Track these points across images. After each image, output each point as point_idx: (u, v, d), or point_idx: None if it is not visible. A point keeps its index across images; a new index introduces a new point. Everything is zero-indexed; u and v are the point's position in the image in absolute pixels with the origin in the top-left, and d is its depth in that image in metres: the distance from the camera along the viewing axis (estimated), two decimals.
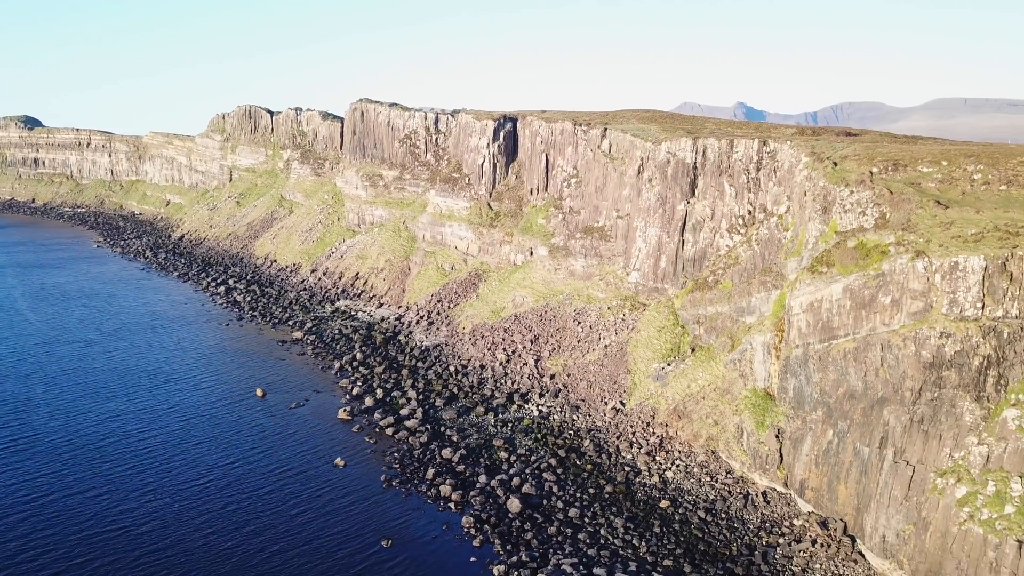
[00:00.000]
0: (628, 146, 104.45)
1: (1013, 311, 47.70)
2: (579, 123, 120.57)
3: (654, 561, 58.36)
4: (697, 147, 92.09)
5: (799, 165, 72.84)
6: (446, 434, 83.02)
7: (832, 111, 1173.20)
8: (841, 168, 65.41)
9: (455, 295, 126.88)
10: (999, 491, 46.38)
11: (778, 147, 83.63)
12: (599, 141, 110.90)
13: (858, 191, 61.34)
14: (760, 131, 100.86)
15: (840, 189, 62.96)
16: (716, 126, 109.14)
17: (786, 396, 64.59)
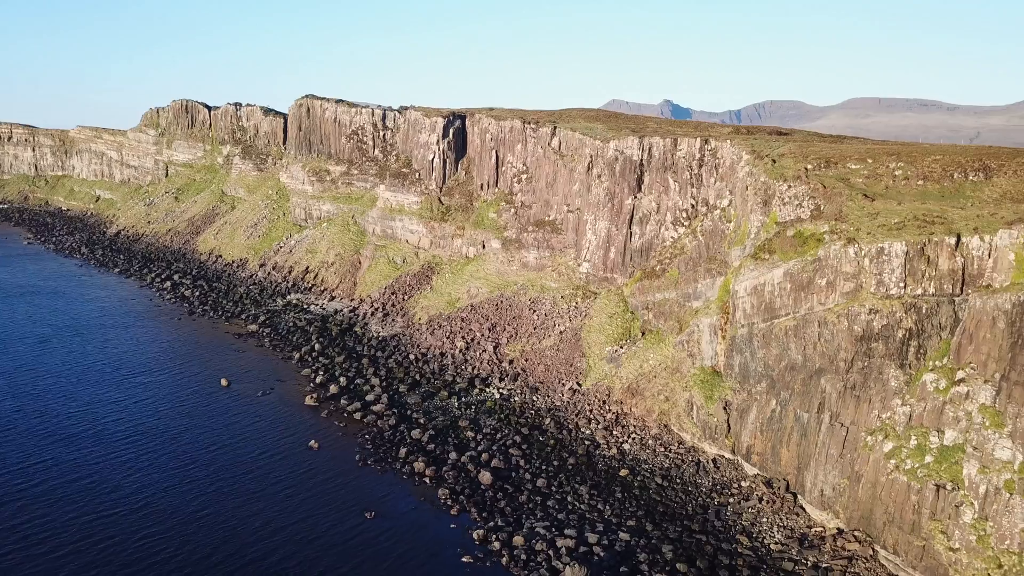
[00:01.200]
0: (577, 144, 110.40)
1: (930, 289, 55.16)
2: (527, 121, 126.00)
3: (618, 522, 64.17)
4: (643, 145, 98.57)
5: (741, 162, 79.84)
6: (413, 417, 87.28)
7: (755, 109, 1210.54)
8: (779, 165, 72.61)
9: (408, 287, 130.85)
10: (920, 444, 53.76)
11: (719, 145, 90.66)
12: (549, 139, 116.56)
13: (795, 186, 68.50)
14: (700, 130, 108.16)
15: (779, 184, 70.06)
16: (658, 125, 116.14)
17: (732, 372, 71.37)
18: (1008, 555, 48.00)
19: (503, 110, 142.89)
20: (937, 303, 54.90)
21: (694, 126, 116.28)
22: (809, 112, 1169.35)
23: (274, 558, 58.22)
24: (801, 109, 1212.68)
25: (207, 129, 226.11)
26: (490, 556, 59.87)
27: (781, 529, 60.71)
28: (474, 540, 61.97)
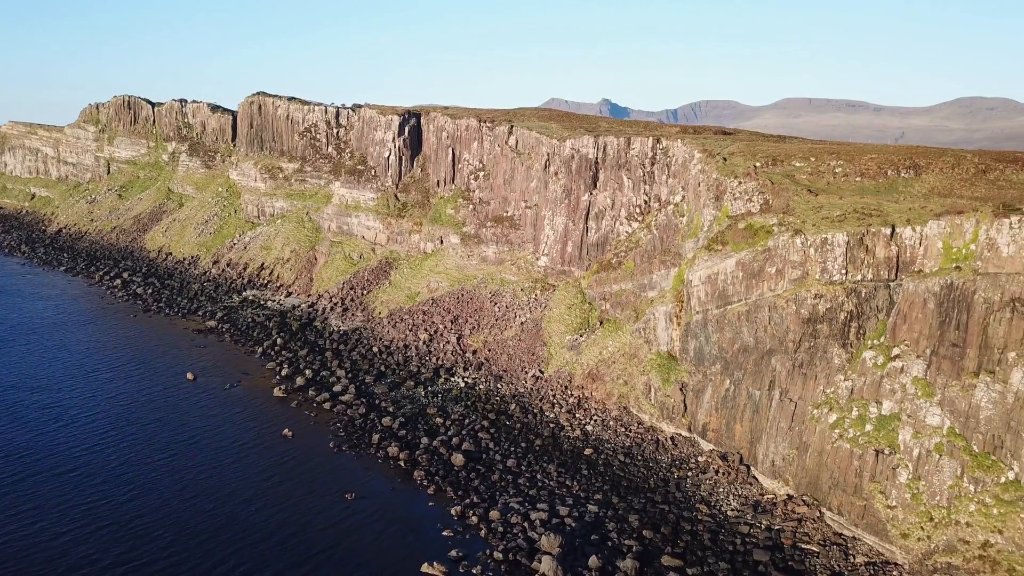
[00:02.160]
0: (534, 142, 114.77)
1: (868, 275, 61.10)
2: (483, 120, 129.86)
3: (586, 496, 68.65)
4: (598, 144, 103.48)
5: (693, 160, 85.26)
6: (381, 406, 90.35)
7: (691, 108, 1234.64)
8: (730, 163, 78.14)
9: (367, 282, 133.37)
10: (861, 415, 59.63)
11: (670, 144, 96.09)
12: (506, 137, 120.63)
13: (745, 182, 74.06)
14: (650, 129, 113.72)
15: (730, 180, 75.56)
16: (610, 125, 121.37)
17: (687, 355, 76.62)
18: (938, 509, 54.06)
19: (458, 108, 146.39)
20: (875, 287, 60.85)
21: (644, 126, 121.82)
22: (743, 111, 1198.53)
23: (274, 540, 60.75)
24: (736, 108, 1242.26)
25: (151, 126, 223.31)
26: (469, 529, 63.65)
27: (736, 497, 66.08)
28: (452, 516, 65.64)
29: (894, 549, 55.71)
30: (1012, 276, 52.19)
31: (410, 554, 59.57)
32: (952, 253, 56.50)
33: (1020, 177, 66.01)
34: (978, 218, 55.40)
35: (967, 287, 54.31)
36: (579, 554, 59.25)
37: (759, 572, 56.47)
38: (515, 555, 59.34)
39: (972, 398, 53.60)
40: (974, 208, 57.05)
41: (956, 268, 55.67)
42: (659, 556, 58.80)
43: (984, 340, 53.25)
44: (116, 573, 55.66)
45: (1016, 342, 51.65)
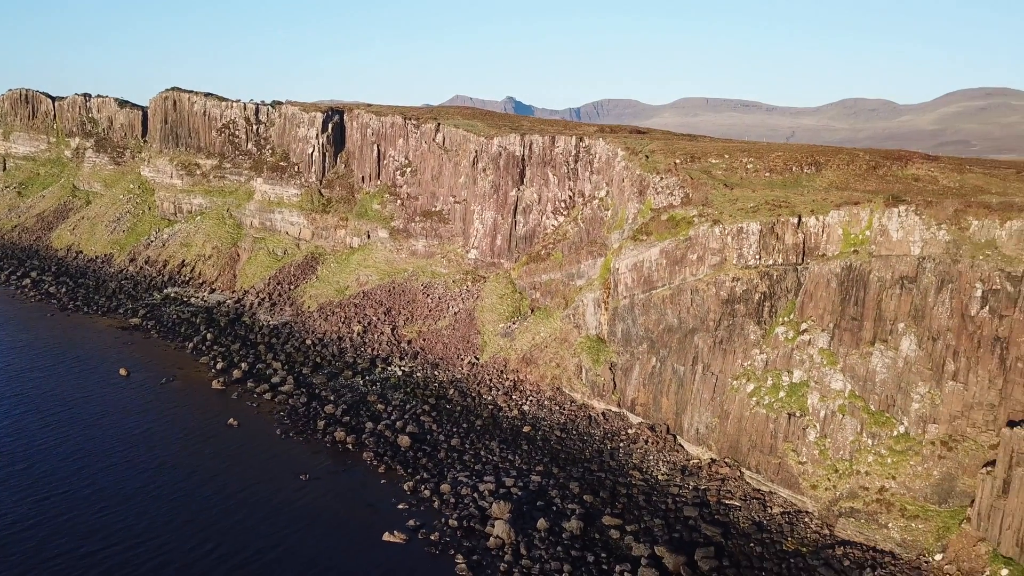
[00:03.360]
0: (461, 140, 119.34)
1: (779, 260, 68.70)
2: (408, 117, 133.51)
3: (528, 469, 73.97)
4: (524, 142, 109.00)
5: (617, 158, 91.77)
6: (322, 395, 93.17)
7: (594, 107, 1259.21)
8: (652, 160, 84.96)
9: (294, 277, 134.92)
10: (775, 383, 67.19)
11: (592, 143, 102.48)
12: (433, 135, 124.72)
13: (667, 177, 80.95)
14: (570, 128, 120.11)
15: (653, 176, 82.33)
16: (532, 124, 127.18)
17: (615, 337, 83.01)
18: (842, 462, 61.95)
19: (382, 106, 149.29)
20: (785, 270, 68.50)
21: (564, 125, 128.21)
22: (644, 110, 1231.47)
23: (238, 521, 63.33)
24: (636, 107, 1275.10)
25: (51, 120, 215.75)
26: (423, 502, 67.96)
27: (665, 463, 72.78)
28: (405, 491, 69.79)
29: (805, 499, 63.38)
30: (900, 257, 60.45)
31: (370, 526, 63.43)
32: (850, 239, 64.53)
33: (904, 172, 75.15)
34: (872, 208, 63.56)
35: (864, 268, 62.38)
36: (528, 518, 64.46)
37: (689, 526, 63.08)
38: (469, 522, 64.08)
39: (869, 364, 61.72)
40: (868, 199, 65.27)
41: (854, 252, 63.71)
42: (600, 517, 64.69)
43: (878, 313, 61.41)
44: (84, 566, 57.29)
45: (904, 314, 59.93)
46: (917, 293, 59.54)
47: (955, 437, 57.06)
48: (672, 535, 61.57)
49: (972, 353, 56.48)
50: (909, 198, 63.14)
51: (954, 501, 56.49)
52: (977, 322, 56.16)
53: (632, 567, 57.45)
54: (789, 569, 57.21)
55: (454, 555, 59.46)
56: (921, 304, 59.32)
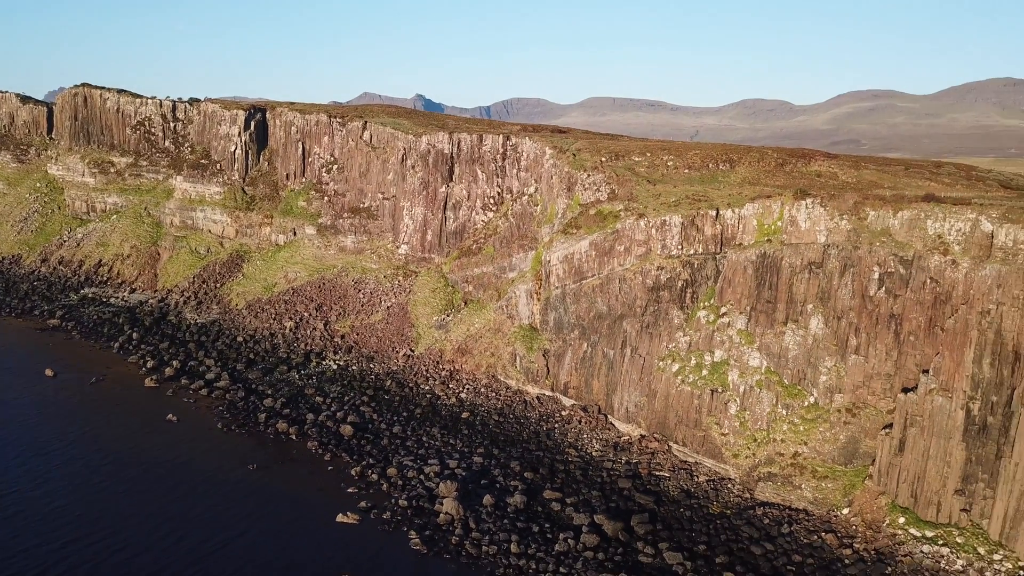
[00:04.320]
0: (389, 137, 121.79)
1: (700, 249, 74.56)
2: (333, 115, 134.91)
3: (470, 451, 77.69)
4: (453, 140, 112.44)
5: (545, 156, 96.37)
6: (259, 390, 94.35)
7: (503, 106, 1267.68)
8: (579, 158, 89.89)
9: (219, 276, 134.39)
10: (698, 363, 73.01)
11: (519, 141, 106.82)
12: (361, 133, 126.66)
13: (593, 174, 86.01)
14: (493, 127, 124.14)
15: (580, 173, 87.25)
16: (457, 123, 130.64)
17: (548, 326, 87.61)
18: (760, 432, 68.19)
19: (306, 104, 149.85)
20: (705, 259, 74.42)
21: (489, 124, 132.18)
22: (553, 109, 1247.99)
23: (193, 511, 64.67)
24: (545, 106, 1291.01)
25: None
26: (371, 485, 70.79)
27: (599, 441, 77.78)
28: (353, 475, 72.42)
29: (728, 467, 69.41)
30: (808, 245, 67.04)
31: (323, 509, 65.88)
32: (764, 229, 70.85)
33: (808, 169, 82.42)
34: (782, 201, 70.02)
35: (776, 255, 68.77)
36: (474, 496, 68.20)
37: (624, 496, 68.15)
38: (418, 501, 67.38)
39: (782, 342, 68.16)
40: (778, 193, 71.76)
41: (767, 241, 70.06)
42: (541, 491, 69.03)
43: (790, 296, 67.89)
44: (55, 560, 57.91)
45: (813, 296, 66.54)
46: (823, 277, 66.22)
47: (858, 404, 63.92)
48: (609, 505, 66.45)
49: (871, 329, 63.41)
50: (814, 192, 69.88)
51: (858, 461, 63.31)
52: (875, 301, 63.11)
53: (575, 534, 61.96)
54: (716, 530, 62.90)
55: (407, 531, 62.64)
56: (827, 287, 66.01)
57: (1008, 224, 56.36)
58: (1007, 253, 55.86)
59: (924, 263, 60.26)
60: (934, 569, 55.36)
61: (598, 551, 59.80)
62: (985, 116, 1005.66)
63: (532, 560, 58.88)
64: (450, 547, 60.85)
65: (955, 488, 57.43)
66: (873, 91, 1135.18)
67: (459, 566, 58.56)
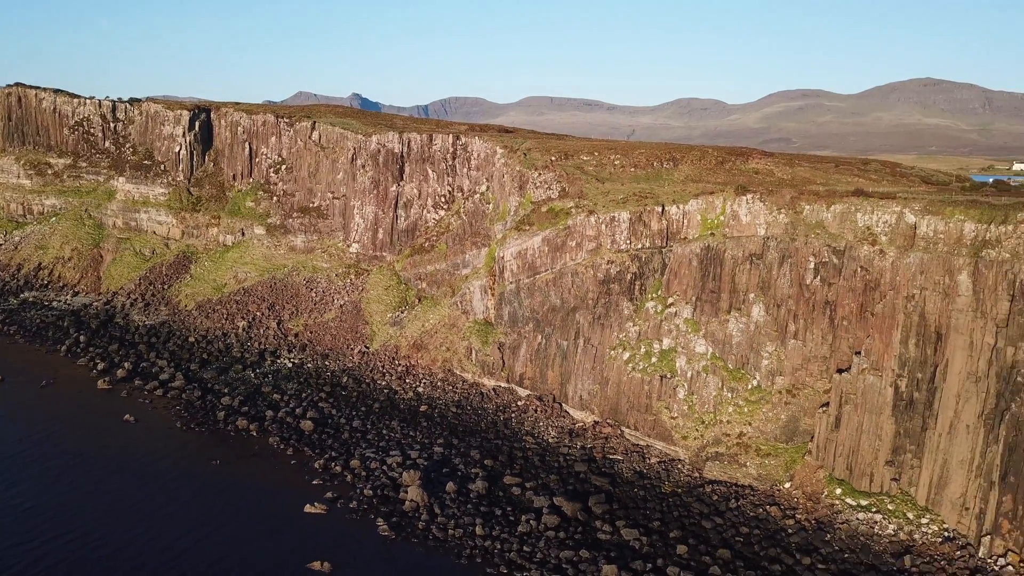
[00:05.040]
0: (338, 137, 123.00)
1: (647, 243, 78.39)
2: (280, 115, 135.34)
3: (430, 442, 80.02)
4: (403, 139, 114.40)
5: (496, 155, 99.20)
6: (215, 389, 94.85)
7: (441, 105, 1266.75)
8: (530, 157, 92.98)
9: (166, 277, 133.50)
10: (647, 351, 76.83)
11: (469, 141, 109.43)
12: (309, 133, 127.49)
13: (544, 173, 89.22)
14: (441, 127, 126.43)
15: (532, 172, 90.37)
16: (405, 123, 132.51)
17: (503, 320, 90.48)
18: (707, 414, 72.34)
19: (251, 104, 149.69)
20: (652, 253, 78.29)
21: (436, 124, 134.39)
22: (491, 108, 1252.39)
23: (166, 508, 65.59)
24: (483, 105, 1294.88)
25: None
26: (335, 477, 72.59)
27: (555, 428, 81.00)
28: (317, 468, 74.10)
29: (678, 449, 73.36)
30: (749, 238, 71.39)
31: (290, 500, 67.46)
32: (707, 223, 75.02)
33: (746, 167, 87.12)
34: (724, 197, 74.28)
35: (719, 248, 72.97)
36: (437, 484, 70.64)
37: (581, 479, 71.50)
38: (383, 491, 69.48)
39: (726, 329, 72.40)
40: (720, 190, 76.03)
41: (711, 234, 74.23)
42: (502, 477, 71.88)
43: (733, 286, 72.15)
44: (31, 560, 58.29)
45: (754, 286, 70.92)
46: (763, 268, 70.64)
47: (797, 386, 68.51)
48: (567, 487, 69.68)
49: (808, 315, 68.04)
50: (753, 188, 74.33)
51: (798, 438, 67.87)
52: (811, 289, 67.74)
53: (536, 516, 64.98)
54: (668, 507, 66.69)
55: (375, 519, 64.77)
56: (767, 277, 70.46)
57: (929, 216, 61.40)
58: (928, 242, 60.89)
59: (855, 253, 65.05)
60: (868, 534, 60.09)
61: (559, 530, 62.94)
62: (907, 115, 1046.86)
63: (497, 541, 61.67)
64: (417, 532, 63.22)
65: (886, 459, 62.31)
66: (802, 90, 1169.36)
67: (427, 549, 60.99)
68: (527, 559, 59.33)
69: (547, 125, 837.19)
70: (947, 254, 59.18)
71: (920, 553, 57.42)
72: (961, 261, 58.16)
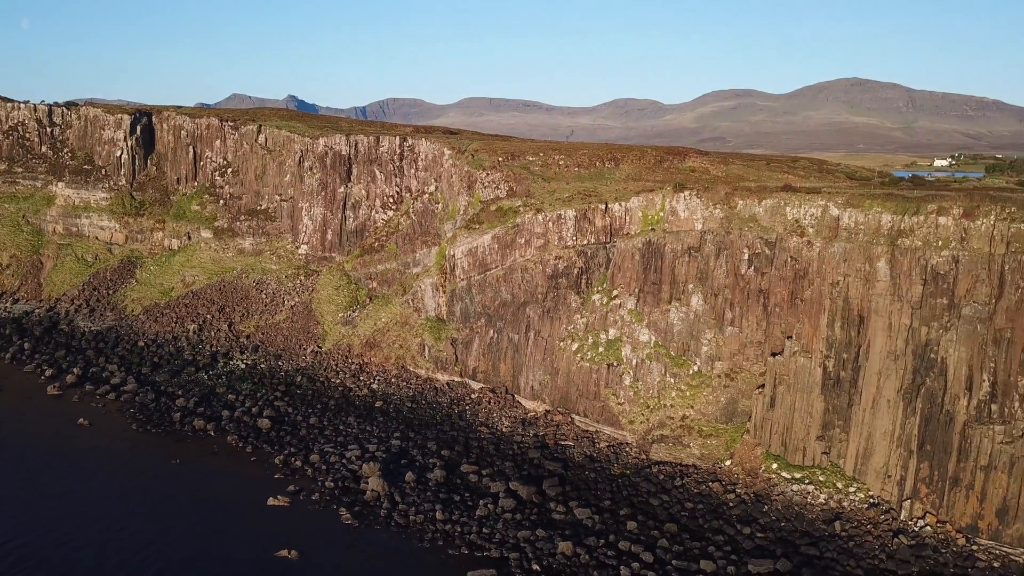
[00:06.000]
0: (285, 140, 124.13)
1: (592, 240, 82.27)
2: (224, 119, 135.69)
3: (387, 436, 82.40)
4: (350, 142, 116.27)
5: (444, 156, 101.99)
6: (169, 391, 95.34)
7: (380, 106, 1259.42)
8: (478, 158, 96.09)
9: (111, 282, 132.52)
10: (594, 341, 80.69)
11: (415, 142, 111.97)
12: (256, 136, 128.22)
13: (492, 173, 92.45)
14: (385, 129, 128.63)
15: (480, 172, 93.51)
16: (351, 125, 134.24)
17: (454, 316, 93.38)
18: (652, 399, 76.54)
19: (193, 108, 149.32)
20: (597, 248, 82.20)
21: (381, 126, 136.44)
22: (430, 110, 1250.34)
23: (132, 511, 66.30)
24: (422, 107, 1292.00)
25: None
26: (296, 472, 74.47)
27: (508, 418, 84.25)
28: (277, 464, 75.83)
29: (625, 433, 77.37)
30: (687, 232, 75.83)
31: (253, 494, 69.15)
32: (648, 219, 79.23)
33: (683, 165, 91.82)
34: (663, 194, 78.59)
35: (660, 242, 77.25)
36: (396, 474, 73.18)
37: (535, 464, 74.90)
38: (344, 482, 71.71)
39: (668, 319, 76.70)
40: (659, 187, 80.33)
41: (652, 230, 78.47)
42: (459, 466, 74.81)
43: (673, 278, 76.49)
44: None
45: (693, 277, 75.36)
46: (701, 260, 75.13)
47: (735, 370, 73.16)
48: (522, 473, 72.99)
49: (744, 304, 72.72)
50: (690, 185, 78.83)
51: (737, 419, 72.51)
52: (746, 279, 72.43)
53: (493, 500, 68.09)
54: (618, 487, 70.56)
55: (337, 509, 67.03)
56: (705, 268, 74.95)
57: (851, 209, 66.54)
58: (851, 233, 66.02)
59: (785, 244, 69.94)
60: (802, 504, 64.95)
61: (515, 512, 66.19)
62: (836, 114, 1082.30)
63: (457, 525, 64.59)
64: (380, 519, 65.71)
65: (816, 435, 67.30)
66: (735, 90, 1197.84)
67: (390, 535, 63.56)
68: (486, 540, 62.39)
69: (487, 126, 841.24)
70: (867, 243, 64.37)
71: (848, 519, 62.43)
72: (879, 249, 63.38)
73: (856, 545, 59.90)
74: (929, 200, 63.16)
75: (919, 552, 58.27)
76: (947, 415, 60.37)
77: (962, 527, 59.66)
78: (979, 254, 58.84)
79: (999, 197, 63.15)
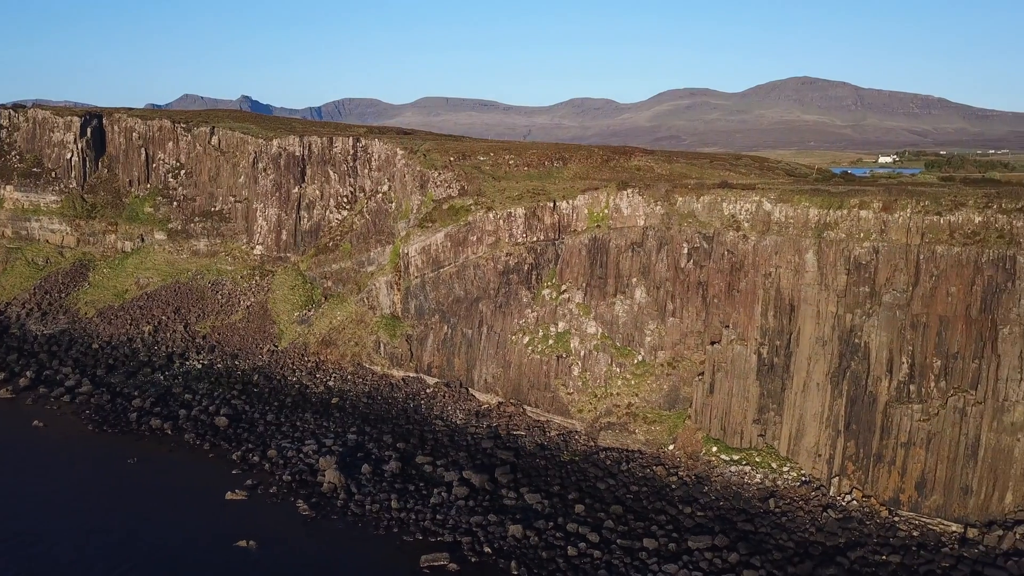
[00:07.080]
0: (239, 142, 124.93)
1: (541, 236, 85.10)
2: (177, 121, 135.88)
3: (343, 431, 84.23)
4: (304, 143, 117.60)
5: (397, 156, 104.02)
6: (125, 392, 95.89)
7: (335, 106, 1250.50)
8: (430, 157, 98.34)
9: (63, 285, 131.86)
10: (545, 334, 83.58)
11: (368, 143, 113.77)
12: (209, 137, 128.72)
13: (444, 173, 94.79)
14: (340, 130, 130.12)
15: (432, 172, 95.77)
16: (305, 127, 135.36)
17: (409, 313, 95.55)
18: (599, 388, 79.69)
19: (145, 110, 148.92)
20: (546, 245, 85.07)
21: (335, 127, 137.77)
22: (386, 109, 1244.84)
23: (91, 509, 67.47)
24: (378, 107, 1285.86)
25: None
26: (254, 467, 76.06)
27: (462, 411, 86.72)
28: (235, 460, 77.31)
29: (574, 422, 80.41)
30: (631, 228, 79.11)
31: (211, 489, 70.66)
32: (594, 216, 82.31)
33: (628, 164, 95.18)
34: (608, 192, 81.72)
35: (605, 238, 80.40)
36: (352, 467, 75.18)
37: (488, 454, 77.51)
38: (301, 476, 73.58)
39: (613, 311, 79.89)
40: (604, 185, 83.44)
41: (597, 227, 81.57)
42: (414, 457, 77.11)
43: (618, 272, 79.68)
44: None
45: (636, 271, 78.66)
46: (644, 254, 78.43)
47: (677, 358, 76.61)
48: (475, 462, 75.54)
49: (684, 296, 76.18)
50: (634, 183, 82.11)
51: (679, 406, 75.97)
52: (686, 272, 75.91)
53: (447, 489, 70.55)
54: (567, 473, 73.51)
55: (295, 501, 68.90)
56: (647, 262, 78.29)
57: (782, 204, 70.35)
58: (782, 227, 69.82)
59: (722, 238, 73.53)
60: (739, 484, 68.58)
61: (468, 499, 68.74)
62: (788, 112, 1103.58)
63: (412, 512, 66.91)
64: (336, 509, 67.74)
65: (753, 418, 71.02)
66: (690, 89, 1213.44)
67: (346, 524, 65.64)
68: (440, 526, 64.84)
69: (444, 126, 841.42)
70: (796, 236, 68.22)
71: (782, 496, 66.21)
72: (807, 242, 67.27)
73: (788, 520, 63.65)
74: (852, 195, 67.18)
75: (845, 524, 62.22)
76: (870, 396, 64.44)
77: (885, 500, 63.77)
78: (897, 245, 62.96)
79: (915, 191, 67.48)
